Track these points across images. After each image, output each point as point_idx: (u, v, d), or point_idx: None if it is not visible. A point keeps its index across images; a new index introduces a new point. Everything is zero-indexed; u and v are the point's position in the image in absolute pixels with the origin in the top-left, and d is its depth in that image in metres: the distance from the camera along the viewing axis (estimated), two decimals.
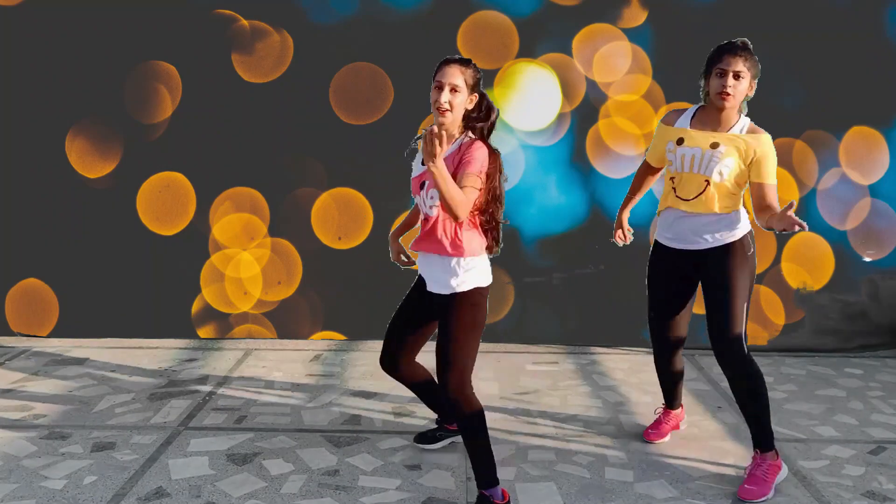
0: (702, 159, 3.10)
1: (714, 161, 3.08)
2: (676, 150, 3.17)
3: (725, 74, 3.04)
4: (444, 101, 2.90)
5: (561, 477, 3.30)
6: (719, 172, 3.09)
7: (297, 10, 4.99)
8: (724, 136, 3.11)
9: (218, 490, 3.15)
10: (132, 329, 5.17)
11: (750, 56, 3.07)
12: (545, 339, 5.14)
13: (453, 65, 2.94)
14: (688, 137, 3.15)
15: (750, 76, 3.08)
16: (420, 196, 3.04)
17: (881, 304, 5.15)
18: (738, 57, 3.04)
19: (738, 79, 3.04)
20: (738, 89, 3.05)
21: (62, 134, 5.07)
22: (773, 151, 3.11)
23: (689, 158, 3.13)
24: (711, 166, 3.09)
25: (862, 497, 3.17)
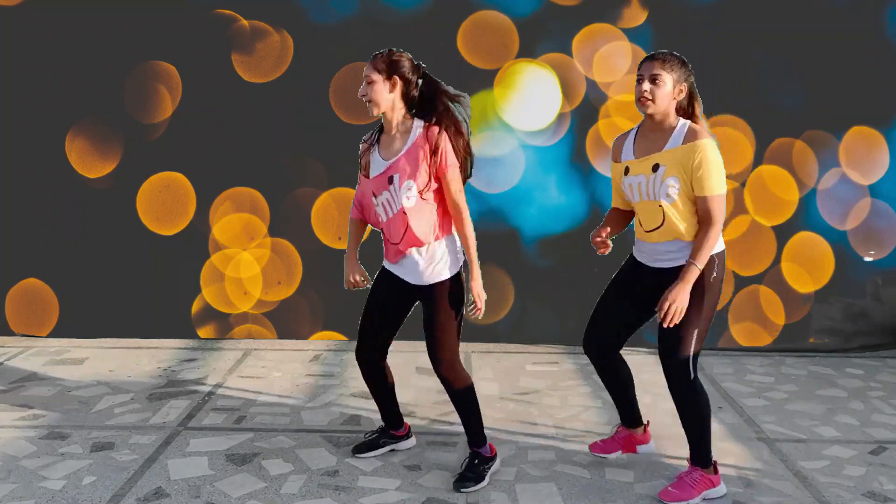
0: (648, 185, 3.01)
1: (657, 183, 2.98)
2: (625, 181, 3.09)
3: (642, 80, 2.99)
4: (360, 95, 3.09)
5: (561, 477, 3.30)
6: (667, 194, 2.97)
7: (297, 10, 4.99)
8: (662, 156, 2.98)
9: (217, 490, 3.14)
10: (132, 329, 5.17)
11: (671, 60, 3.00)
12: (545, 339, 5.14)
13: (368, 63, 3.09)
14: (632, 166, 3.07)
15: (672, 79, 2.98)
16: (390, 191, 3.05)
17: (882, 304, 5.15)
18: (655, 61, 2.99)
19: (654, 83, 2.97)
20: (657, 94, 2.97)
21: (62, 134, 5.07)
22: (714, 156, 2.93)
23: (636, 187, 3.05)
24: (659, 190, 2.98)
25: (863, 497, 3.17)
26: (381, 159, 3.11)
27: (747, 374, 4.66)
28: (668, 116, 3.03)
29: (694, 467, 3.15)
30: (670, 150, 2.98)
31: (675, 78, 3.00)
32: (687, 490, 3.09)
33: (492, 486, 3.21)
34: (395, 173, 3.02)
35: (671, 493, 3.10)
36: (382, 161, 3.09)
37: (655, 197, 2.99)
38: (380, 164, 3.10)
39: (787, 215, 5.09)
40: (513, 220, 5.07)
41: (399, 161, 3.03)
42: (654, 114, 3.02)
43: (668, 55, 3.02)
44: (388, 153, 3.10)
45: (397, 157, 3.05)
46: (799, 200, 5.08)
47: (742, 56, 4.98)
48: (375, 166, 3.12)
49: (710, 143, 2.96)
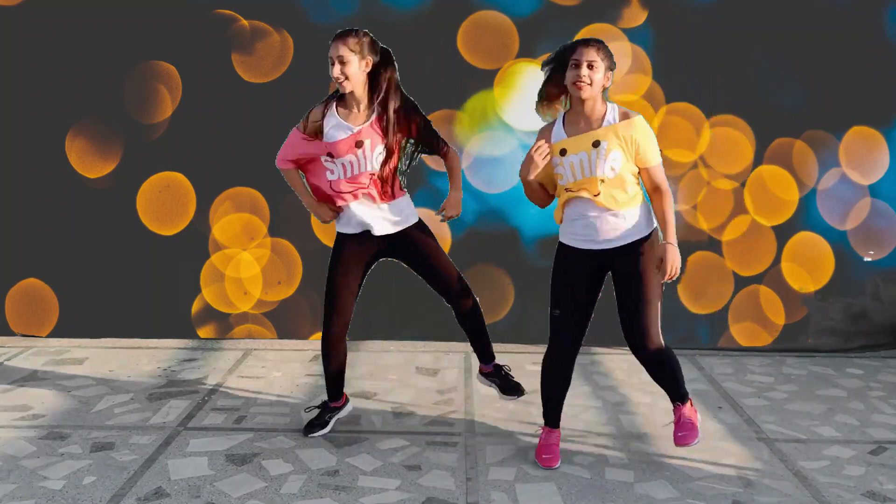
0: (589, 161, 3.17)
1: (601, 158, 3.16)
2: (563, 162, 3.22)
3: (580, 65, 3.15)
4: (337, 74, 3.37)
5: (561, 477, 3.30)
6: (611, 168, 3.16)
7: (297, 10, 4.99)
8: (602, 132, 3.18)
9: (217, 490, 3.14)
10: (132, 329, 5.17)
11: (603, 48, 3.21)
12: (545, 339, 5.11)
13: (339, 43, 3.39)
14: (569, 146, 3.22)
15: (604, 66, 3.19)
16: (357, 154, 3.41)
17: (882, 304, 5.15)
18: (591, 47, 3.17)
19: (591, 68, 3.14)
20: (593, 78, 3.15)
21: (62, 134, 5.07)
22: (650, 130, 3.22)
23: (577, 165, 3.19)
24: (601, 164, 3.16)
25: (862, 497, 3.17)
26: (346, 124, 3.45)
27: (747, 374, 4.66)
28: (598, 100, 3.23)
29: (682, 407, 3.38)
30: (609, 127, 3.19)
31: (607, 66, 3.20)
32: (692, 429, 3.34)
33: (491, 485, 3.21)
34: (367, 139, 3.40)
35: (685, 436, 3.31)
36: (349, 126, 3.44)
37: (598, 172, 3.17)
38: (345, 130, 3.43)
39: (787, 215, 5.09)
40: (513, 220, 5.07)
41: (368, 128, 3.42)
42: (588, 98, 3.19)
43: (601, 42, 3.22)
44: (354, 121, 3.45)
45: (365, 124, 3.43)
46: (799, 200, 5.08)
47: (742, 56, 4.98)
48: (338, 132, 3.43)
49: (643, 118, 3.24)
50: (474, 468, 3.37)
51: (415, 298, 5.10)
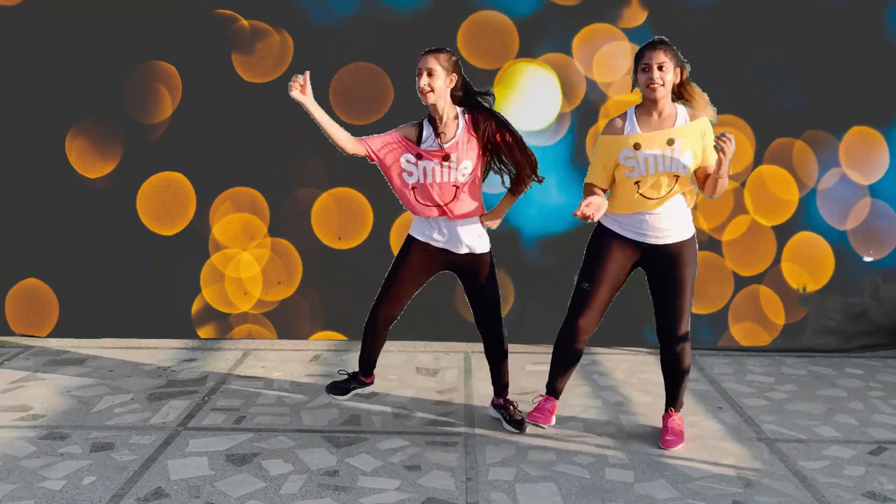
0: (663, 157, 3.33)
1: (675, 156, 3.32)
2: (637, 155, 3.34)
3: (650, 69, 3.29)
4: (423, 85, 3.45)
5: (561, 477, 3.30)
6: (683, 166, 3.34)
7: (297, 10, 4.99)
8: (675, 131, 3.34)
9: (217, 490, 3.14)
10: (132, 329, 5.17)
11: (669, 48, 3.33)
12: (545, 339, 5.11)
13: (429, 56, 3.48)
14: (644, 141, 3.35)
15: (673, 65, 3.32)
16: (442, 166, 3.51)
17: (882, 304, 5.15)
18: (658, 50, 3.30)
19: (662, 70, 3.29)
20: (665, 79, 3.29)
21: (62, 134, 5.07)
22: (712, 130, 3.41)
23: (651, 160, 3.33)
24: (675, 162, 3.33)
25: (862, 497, 3.17)
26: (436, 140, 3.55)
27: (747, 374, 4.66)
28: (668, 99, 3.36)
29: (673, 413, 3.65)
30: (681, 126, 3.35)
31: (675, 63, 3.33)
32: (680, 435, 3.59)
33: (491, 485, 3.21)
34: (454, 153, 3.51)
35: (673, 440, 3.56)
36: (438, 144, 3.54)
37: (672, 169, 3.32)
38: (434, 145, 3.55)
39: (787, 215, 5.09)
40: (513, 220, 5.07)
41: (456, 144, 3.52)
42: (662, 98, 3.32)
43: (666, 43, 3.33)
44: (443, 137, 3.54)
45: (454, 140, 3.52)
46: (799, 200, 5.08)
47: (742, 56, 4.98)
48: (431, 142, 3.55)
49: (708, 119, 3.41)
50: (474, 468, 3.37)
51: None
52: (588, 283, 3.51)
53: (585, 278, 3.53)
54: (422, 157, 3.52)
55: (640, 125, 3.38)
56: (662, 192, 3.35)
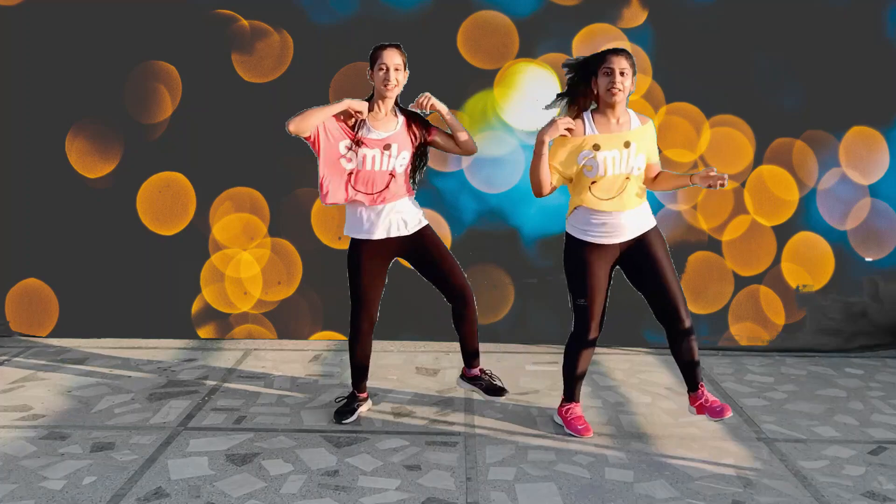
0: (621, 159, 3.48)
1: (630, 158, 3.48)
2: (597, 156, 3.47)
3: (612, 73, 3.41)
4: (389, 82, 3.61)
5: (561, 477, 3.30)
6: (637, 168, 3.51)
7: (297, 10, 5.00)
8: (631, 134, 3.50)
9: (217, 490, 3.14)
10: (132, 329, 5.17)
11: (630, 56, 3.46)
12: (545, 339, 5.14)
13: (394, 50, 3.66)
14: (602, 143, 3.48)
15: (632, 73, 3.45)
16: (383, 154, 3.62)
17: (882, 305, 5.15)
18: (621, 56, 3.43)
19: (623, 75, 3.41)
20: (625, 84, 3.42)
21: (62, 134, 5.08)
22: (655, 131, 3.63)
23: (610, 161, 3.47)
24: (630, 163, 3.48)
25: (862, 497, 3.17)
26: (374, 129, 3.66)
27: (747, 374, 4.66)
28: (624, 105, 3.52)
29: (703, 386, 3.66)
30: (636, 130, 3.51)
31: (633, 72, 3.47)
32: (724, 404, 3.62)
33: (491, 485, 3.21)
34: (394, 143, 3.64)
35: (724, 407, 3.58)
36: (377, 132, 3.66)
37: (626, 170, 3.49)
38: (375, 132, 3.65)
39: (787, 215, 5.09)
40: (513, 220, 5.08)
41: (396, 135, 3.67)
42: (620, 103, 3.47)
43: (627, 52, 3.47)
44: (382, 127, 3.67)
45: (396, 130, 3.68)
46: (799, 200, 5.09)
47: (742, 56, 4.98)
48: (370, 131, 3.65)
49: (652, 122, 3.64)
50: (474, 468, 3.37)
51: (415, 298, 5.11)
52: (583, 299, 3.60)
53: (579, 295, 3.61)
54: (361, 145, 3.61)
55: (599, 127, 3.51)
56: (613, 193, 3.48)
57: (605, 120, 3.52)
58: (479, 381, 3.95)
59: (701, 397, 3.65)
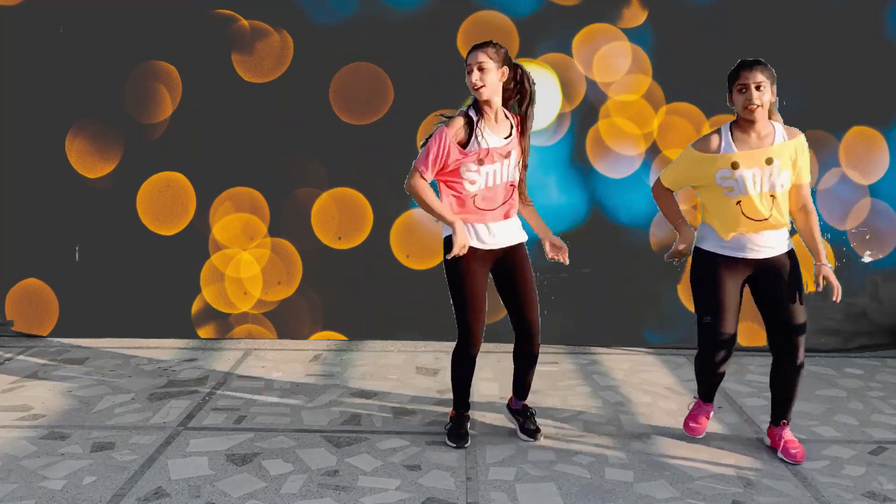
0: (762, 177, 3.28)
1: (774, 176, 3.28)
2: (736, 175, 3.29)
3: (748, 88, 3.24)
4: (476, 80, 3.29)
5: (561, 477, 3.30)
6: (781, 185, 3.30)
7: (297, 10, 5.00)
8: (774, 150, 3.29)
9: (217, 490, 3.14)
10: (132, 329, 5.17)
11: (766, 67, 3.28)
12: (545, 339, 5.08)
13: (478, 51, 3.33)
14: (742, 160, 3.29)
15: (769, 84, 3.26)
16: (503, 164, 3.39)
17: (882, 305, 5.15)
18: (756, 70, 3.24)
19: (759, 90, 3.23)
20: (763, 99, 3.23)
21: (62, 134, 5.08)
22: (808, 149, 3.37)
23: (751, 180, 3.29)
24: (774, 181, 3.28)
25: (862, 497, 3.17)
26: (493, 136, 3.38)
27: (747, 374, 4.66)
28: (765, 119, 3.30)
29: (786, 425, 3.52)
30: (779, 144, 3.29)
31: (771, 82, 3.27)
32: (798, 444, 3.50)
33: (491, 485, 3.21)
34: (515, 149, 3.42)
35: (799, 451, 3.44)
36: (497, 138, 3.38)
37: (771, 188, 3.28)
38: (495, 141, 3.37)
39: None
40: None
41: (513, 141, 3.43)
42: (760, 118, 3.26)
43: (762, 62, 3.27)
44: (499, 132, 3.40)
45: (511, 136, 3.43)
46: None
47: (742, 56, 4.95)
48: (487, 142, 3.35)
49: (804, 137, 3.36)
50: (474, 468, 3.37)
51: (415, 298, 5.11)
52: (710, 316, 3.45)
53: (706, 311, 3.46)
54: (483, 162, 3.35)
55: (737, 144, 3.31)
56: (765, 213, 3.30)
57: (746, 136, 3.31)
58: (519, 418, 3.74)
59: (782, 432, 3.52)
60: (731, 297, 3.43)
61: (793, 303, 3.37)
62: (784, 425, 3.52)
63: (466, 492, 3.16)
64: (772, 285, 3.40)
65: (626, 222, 5.06)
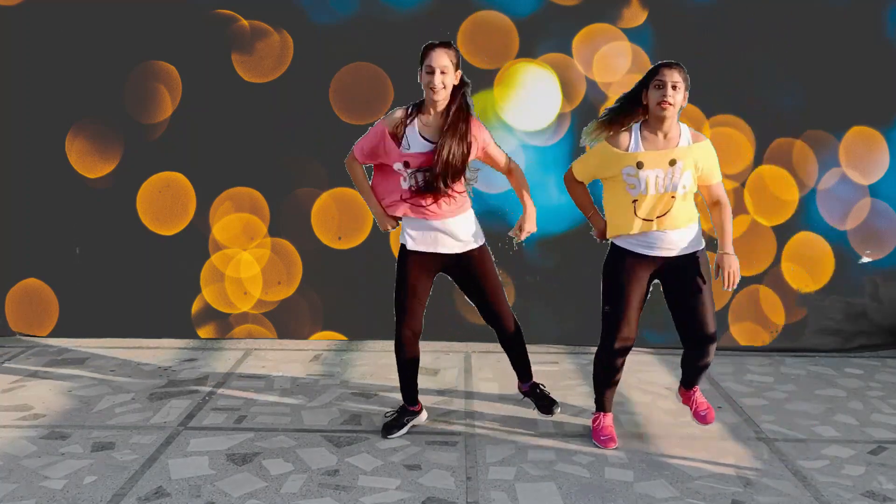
0: (665, 178, 3.34)
1: (676, 177, 3.34)
2: (640, 175, 3.35)
3: (664, 86, 3.28)
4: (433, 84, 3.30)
5: (561, 476, 3.30)
6: (683, 186, 3.36)
7: (297, 10, 4.99)
8: (678, 151, 3.35)
9: (218, 490, 3.15)
10: (132, 329, 5.17)
11: (683, 70, 3.33)
12: (545, 339, 5.14)
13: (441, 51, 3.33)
14: (647, 160, 3.35)
15: (684, 87, 3.32)
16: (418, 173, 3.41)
17: (881, 304, 5.15)
18: (674, 69, 3.30)
19: (675, 89, 3.28)
20: (676, 99, 3.28)
21: (62, 134, 5.08)
22: (714, 152, 3.45)
23: (653, 180, 3.34)
24: (675, 182, 3.34)
25: (862, 497, 3.17)
26: (421, 138, 3.41)
27: (747, 374, 4.66)
28: (674, 119, 3.36)
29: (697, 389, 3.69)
30: (684, 148, 3.35)
31: (685, 86, 3.33)
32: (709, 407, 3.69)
33: (491, 485, 3.22)
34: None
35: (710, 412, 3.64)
36: (423, 141, 3.41)
37: (671, 189, 3.34)
38: (421, 144, 3.40)
39: (787, 215, 5.09)
40: (513, 220, 5.06)
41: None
42: (670, 117, 3.32)
43: (681, 65, 3.33)
44: (432, 133, 3.41)
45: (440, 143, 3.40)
46: (799, 200, 5.09)
47: (742, 56, 4.98)
48: (414, 143, 3.40)
49: (710, 142, 3.44)
50: (474, 468, 3.37)
51: None
52: (611, 307, 3.50)
53: (609, 301, 3.51)
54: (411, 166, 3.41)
55: (645, 144, 3.37)
56: (658, 213, 3.36)
57: (654, 136, 3.37)
58: (531, 397, 3.86)
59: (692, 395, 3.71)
60: (635, 290, 3.46)
61: (700, 305, 3.41)
62: (695, 389, 3.70)
63: (466, 491, 3.16)
64: (679, 283, 3.46)
65: None
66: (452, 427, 3.80)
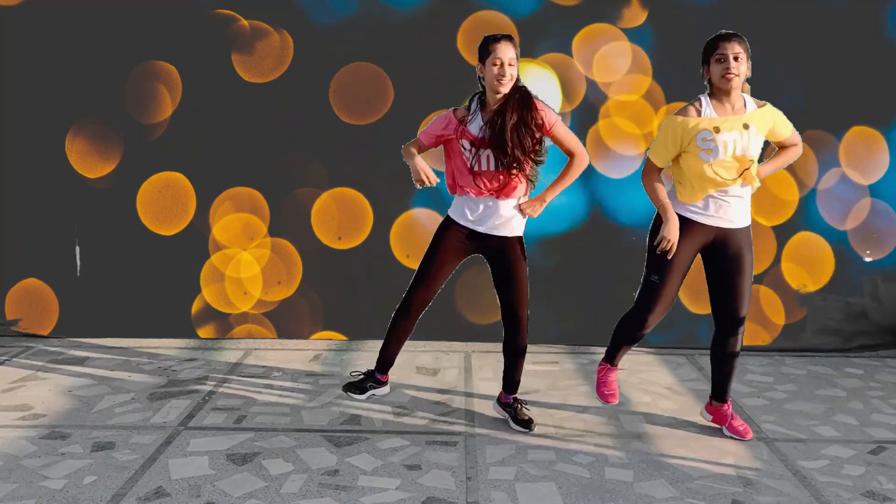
0: (742, 141, 3.39)
1: (749, 140, 3.40)
2: (717, 139, 3.39)
3: (726, 59, 3.33)
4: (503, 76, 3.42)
5: (561, 476, 3.30)
6: (757, 149, 3.44)
7: (297, 10, 5.00)
8: (748, 116, 3.42)
9: (218, 490, 3.15)
10: (132, 329, 5.17)
11: (742, 40, 3.38)
12: (545, 339, 5.14)
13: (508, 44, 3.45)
14: (723, 125, 3.40)
15: (746, 57, 3.37)
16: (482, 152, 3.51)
17: (882, 304, 5.15)
18: (734, 41, 3.35)
19: (737, 60, 3.33)
20: (740, 69, 3.34)
21: (62, 134, 5.08)
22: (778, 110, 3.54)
23: (731, 143, 3.39)
24: (747, 145, 3.40)
25: (862, 497, 3.17)
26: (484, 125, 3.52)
27: (747, 374, 4.66)
28: (738, 91, 3.43)
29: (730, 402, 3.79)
30: (752, 113, 3.43)
31: (747, 56, 3.38)
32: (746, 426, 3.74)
33: (491, 485, 3.22)
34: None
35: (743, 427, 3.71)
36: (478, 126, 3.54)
37: (748, 152, 3.40)
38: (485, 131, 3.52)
39: (787, 215, 5.09)
40: None
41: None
42: (736, 88, 3.39)
43: (740, 35, 3.38)
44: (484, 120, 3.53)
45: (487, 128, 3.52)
46: (799, 200, 5.09)
47: None
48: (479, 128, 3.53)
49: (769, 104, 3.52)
50: (474, 468, 3.37)
51: None
52: (658, 276, 3.55)
53: (654, 270, 3.56)
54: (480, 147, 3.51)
55: (717, 110, 3.42)
56: (734, 175, 3.40)
57: (721, 105, 3.42)
58: (510, 410, 3.84)
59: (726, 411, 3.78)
60: (684, 261, 3.53)
61: (742, 284, 3.52)
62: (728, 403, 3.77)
63: (466, 491, 3.16)
64: (726, 258, 3.52)
65: (626, 222, 5.07)
66: (452, 427, 3.80)
